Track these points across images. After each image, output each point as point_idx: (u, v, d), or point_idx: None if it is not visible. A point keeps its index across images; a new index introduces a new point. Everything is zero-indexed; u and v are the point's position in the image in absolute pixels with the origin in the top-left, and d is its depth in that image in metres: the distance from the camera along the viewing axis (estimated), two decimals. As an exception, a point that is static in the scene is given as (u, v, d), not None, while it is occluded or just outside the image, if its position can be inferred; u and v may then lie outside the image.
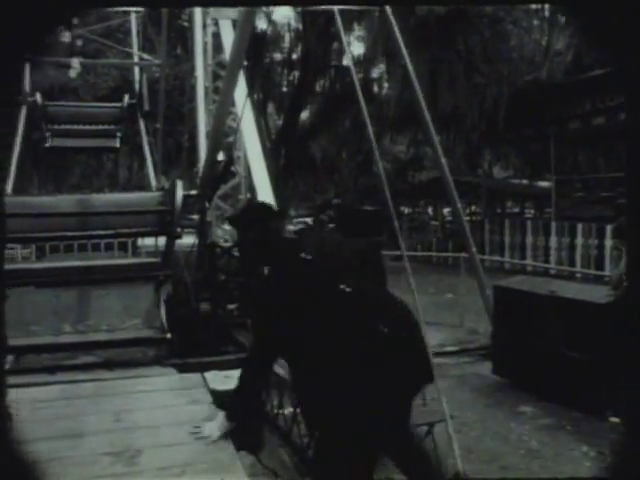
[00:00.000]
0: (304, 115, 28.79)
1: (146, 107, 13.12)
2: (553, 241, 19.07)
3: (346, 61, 27.21)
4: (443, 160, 8.97)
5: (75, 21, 10.44)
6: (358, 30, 25.41)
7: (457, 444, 4.95)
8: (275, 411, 6.02)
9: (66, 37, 10.11)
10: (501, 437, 6.33)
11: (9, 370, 5.72)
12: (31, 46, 2.42)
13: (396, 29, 7.99)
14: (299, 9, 22.44)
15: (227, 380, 4.42)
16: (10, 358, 6.42)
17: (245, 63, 6.23)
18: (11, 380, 5.03)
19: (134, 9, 14.08)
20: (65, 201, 7.28)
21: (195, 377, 4.51)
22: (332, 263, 3.48)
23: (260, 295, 3.51)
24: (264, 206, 3.89)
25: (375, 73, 26.27)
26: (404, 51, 8.27)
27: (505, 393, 7.72)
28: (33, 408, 4.20)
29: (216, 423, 3.60)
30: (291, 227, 7.66)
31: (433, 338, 5.79)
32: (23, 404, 4.24)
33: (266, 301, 3.41)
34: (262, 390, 3.65)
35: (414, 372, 3.37)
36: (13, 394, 4.48)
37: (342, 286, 3.27)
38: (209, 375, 4.53)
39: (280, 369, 5.05)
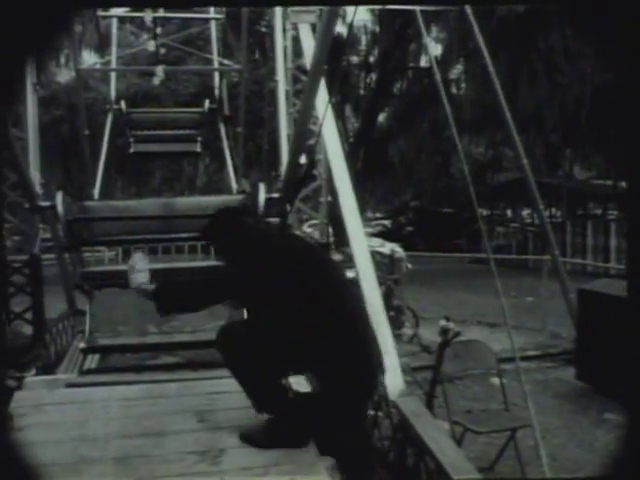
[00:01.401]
0: (382, 117, 28.74)
1: (226, 111, 13.31)
2: (639, 244, 18.42)
3: (424, 62, 27.15)
4: (525, 161, 8.80)
5: (158, 30, 10.67)
6: (435, 31, 25.19)
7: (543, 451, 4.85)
8: (355, 414, 6.03)
9: (151, 46, 10.37)
10: (586, 445, 6.18)
11: (98, 369, 5.93)
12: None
13: (476, 29, 7.89)
14: (376, 11, 22.42)
15: (300, 384, 4.45)
16: (97, 356, 6.66)
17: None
18: (100, 378, 5.22)
19: (212, 16, 14.30)
20: (150, 205, 7.47)
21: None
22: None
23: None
24: (220, 217, 4.04)
25: (453, 74, 26.00)
26: (485, 51, 8.15)
27: (589, 399, 7.53)
28: (122, 406, 4.33)
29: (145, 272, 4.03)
30: (369, 229, 7.64)
31: (515, 342, 5.69)
32: (113, 402, 4.38)
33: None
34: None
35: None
36: (105, 391, 4.65)
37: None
38: (291, 377, 4.55)
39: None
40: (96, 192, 12.64)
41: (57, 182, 19.84)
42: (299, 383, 3.63)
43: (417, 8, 7.32)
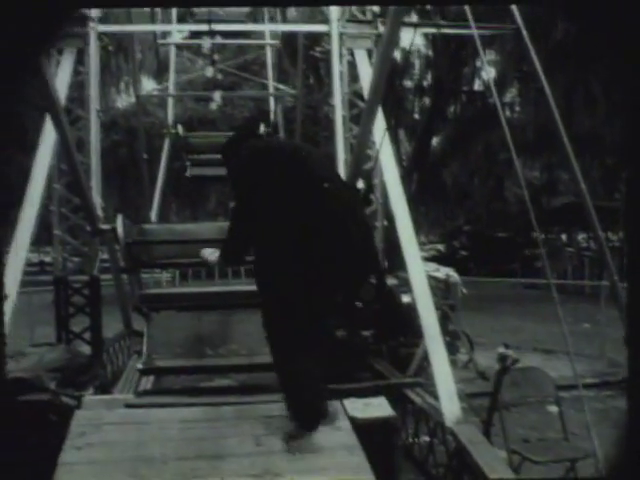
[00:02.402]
0: (435, 141, 28.65)
1: (281, 135, 13.45)
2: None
3: (477, 86, 27.03)
4: (583, 185, 8.65)
5: (216, 57, 10.89)
6: (489, 54, 25.08)
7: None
8: (410, 440, 5.98)
9: (209, 72, 10.57)
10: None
11: (154, 390, 5.98)
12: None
13: (532, 52, 7.84)
14: (430, 35, 22.43)
15: (366, 408, 4.43)
16: (152, 377, 6.73)
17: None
18: (158, 399, 5.27)
19: (268, 42, 14.51)
20: (207, 228, 7.57)
21: (334, 404, 4.54)
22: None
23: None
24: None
25: (507, 97, 25.82)
26: (541, 73, 8.08)
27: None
28: (179, 428, 4.36)
29: (214, 252, 4.79)
30: (423, 254, 7.63)
31: (571, 369, 5.57)
32: (170, 423, 4.42)
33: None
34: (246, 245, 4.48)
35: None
36: (162, 413, 4.70)
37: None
38: (348, 402, 4.54)
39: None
40: (153, 215, 12.91)
41: (114, 205, 20.29)
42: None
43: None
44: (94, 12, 8.31)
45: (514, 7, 7.53)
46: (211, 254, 4.86)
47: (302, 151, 4.44)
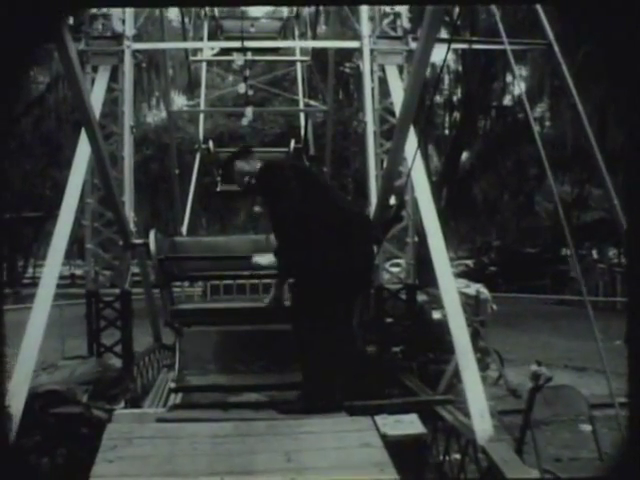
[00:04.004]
0: (465, 156, 28.57)
1: (312, 151, 13.47)
2: None
3: (507, 101, 26.92)
4: (616, 201, 8.56)
5: (247, 73, 10.98)
6: (519, 69, 24.98)
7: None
8: (441, 457, 5.92)
9: (242, 88, 10.65)
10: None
11: (185, 404, 6.00)
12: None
13: (564, 66, 7.80)
14: (459, 50, 22.40)
15: (398, 425, 4.40)
16: (180, 394, 6.75)
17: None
18: (189, 414, 5.29)
19: (298, 58, 14.56)
20: (238, 241, 7.61)
21: (365, 420, 4.52)
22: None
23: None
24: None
25: (537, 112, 25.67)
26: (572, 88, 8.03)
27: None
28: (210, 443, 4.37)
29: (267, 258, 5.20)
30: (453, 270, 7.60)
31: (604, 387, 5.48)
32: (201, 438, 4.43)
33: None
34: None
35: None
36: (193, 428, 4.71)
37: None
38: (379, 419, 4.52)
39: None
40: (184, 229, 12.99)
41: (145, 219, 20.49)
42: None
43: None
44: (128, 30, 8.43)
45: (546, 23, 7.53)
46: (262, 257, 5.31)
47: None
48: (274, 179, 5.14)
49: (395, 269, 8.92)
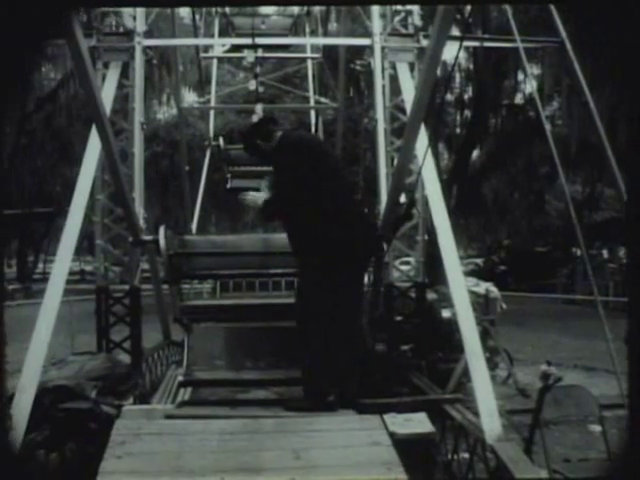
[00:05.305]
0: (475, 154, 28.48)
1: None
2: None
3: (518, 99, 26.81)
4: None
5: (257, 70, 10.97)
6: (530, 67, 24.89)
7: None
8: (449, 456, 5.90)
9: (252, 85, 10.63)
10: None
11: (193, 401, 6.01)
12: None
13: (576, 65, 7.75)
14: (471, 49, 22.33)
15: (407, 424, 4.39)
16: (190, 389, 6.76)
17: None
18: (197, 411, 5.30)
19: (309, 55, 14.53)
20: (248, 240, 7.61)
21: (374, 418, 4.50)
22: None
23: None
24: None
25: (548, 110, 25.57)
26: (585, 87, 7.98)
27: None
28: (219, 440, 4.36)
29: (259, 195, 5.43)
30: (462, 268, 7.56)
31: (614, 388, 5.45)
32: (209, 435, 4.43)
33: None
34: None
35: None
36: (202, 424, 4.71)
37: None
38: (388, 417, 4.50)
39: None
40: (194, 226, 13.00)
41: (155, 215, 20.51)
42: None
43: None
44: (139, 27, 8.43)
45: (559, 21, 7.48)
46: (255, 196, 5.47)
47: (325, 145, 6.14)
48: (290, 147, 5.33)
49: (405, 267, 8.91)
